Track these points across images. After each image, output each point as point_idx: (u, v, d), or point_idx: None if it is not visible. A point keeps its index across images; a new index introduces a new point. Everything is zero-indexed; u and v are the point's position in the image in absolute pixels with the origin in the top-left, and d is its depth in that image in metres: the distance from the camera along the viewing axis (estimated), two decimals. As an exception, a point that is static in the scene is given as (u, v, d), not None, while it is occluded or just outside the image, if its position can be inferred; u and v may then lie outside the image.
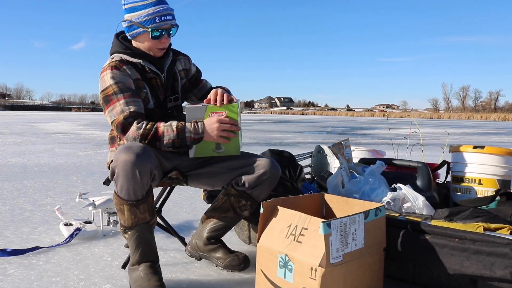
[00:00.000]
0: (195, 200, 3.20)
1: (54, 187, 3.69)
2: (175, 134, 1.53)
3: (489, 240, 1.33)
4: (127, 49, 1.67)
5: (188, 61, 1.89)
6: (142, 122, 1.54)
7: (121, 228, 1.57)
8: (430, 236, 1.44)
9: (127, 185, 1.45)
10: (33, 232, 2.35)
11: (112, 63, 1.63)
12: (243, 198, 1.72)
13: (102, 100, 1.60)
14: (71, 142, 8.45)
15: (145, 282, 1.51)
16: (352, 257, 1.35)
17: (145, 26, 1.61)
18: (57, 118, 25.74)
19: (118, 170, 1.45)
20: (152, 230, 1.59)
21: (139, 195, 1.48)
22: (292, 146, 8.43)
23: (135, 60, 1.66)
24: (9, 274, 1.76)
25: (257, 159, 1.70)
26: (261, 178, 1.67)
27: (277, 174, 1.71)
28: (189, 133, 1.54)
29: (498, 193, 1.93)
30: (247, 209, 1.75)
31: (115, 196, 1.51)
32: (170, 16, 1.63)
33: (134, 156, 1.44)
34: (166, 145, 1.55)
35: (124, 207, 1.50)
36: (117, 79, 1.59)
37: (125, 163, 1.43)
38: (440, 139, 11.13)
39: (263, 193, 1.72)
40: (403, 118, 45.71)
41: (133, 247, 1.57)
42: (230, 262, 1.76)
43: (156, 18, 1.60)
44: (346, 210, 1.65)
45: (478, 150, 2.04)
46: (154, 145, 1.54)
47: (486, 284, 1.41)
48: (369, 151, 2.78)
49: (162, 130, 1.54)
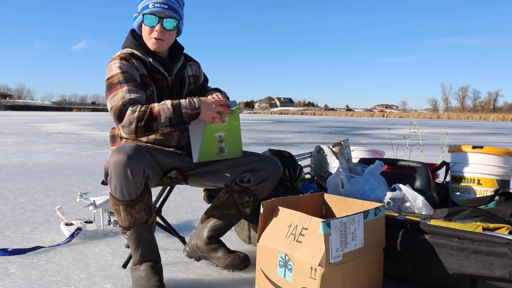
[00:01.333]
0: (195, 200, 3.21)
1: (55, 187, 3.69)
2: (171, 111, 1.51)
3: (488, 239, 1.34)
4: (139, 45, 1.69)
5: (199, 68, 1.91)
6: (136, 106, 1.52)
7: (120, 229, 1.58)
8: (430, 236, 1.45)
9: (120, 185, 1.45)
10: (34, 232, 2.35)
11: (122, 54, 1.65)
12: (246, 194, 1.73)
13: (106, 88, 1.60)
14: (72, 142, 8.46)
15: (145, 282, 1.52)
16: (352, 256, 1.35)
17: (141, 13, 1.64)
18: (58, 118, 25.73)
19: (110, 170, 1.45)
20: (151, 230, 1.59)
21: (133, 195, 1.48)
22: (292, 146, 8.43)
23: (145, 58, 1.68)
24: (10, 274, 1.76)
25: (260, 156, 1.73)
26: (266, 174, 1.69)
27: (279, 171, 1.74)
28: (185, 109, 1.52)
29: (497, 193, 1.94)
30: (249, 206, 1.76)
31: (110, 197, 1.52)
32: (166, 5, 1.64)
33: (125, 156, 1.44)
34: (163, 124, 1.51)
35: (120, 208, 1.50)
36: (124, 69, 1.60)
37: (116, 163, 1.43)
38: (439, 139, 11.13)
39: (266, 189, 1.73)
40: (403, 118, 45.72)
41: (133, 247, 1.58)
42: (231, 262, 1.77)
43: (149, 4, 1.63)
44: (345, 210, 1.66)
45: (477, 150, 2.05)
46: (151, 126, 1.51)
47: (485, 283, 1.42)
48: (368, 151, 2.79)
49: (158, 109, 1.51)
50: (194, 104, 1.53)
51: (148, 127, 1.51)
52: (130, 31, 1.75)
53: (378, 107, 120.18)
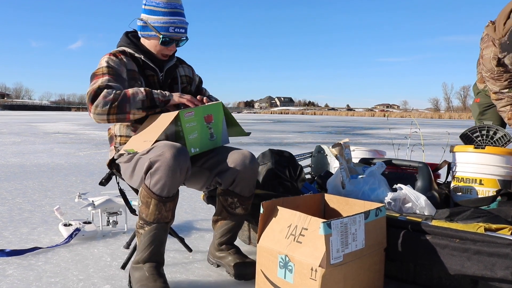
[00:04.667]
0: (195, 201, 3.19)
1: (53, 187, 3.68)
2: (144, 94, 1.59)
3: (490, 240, 1.33)
4: (131, 43, 1.78)
5: (192, 71, 2.01)
6: (111, 89, 1.59)
7: (140, 222, 1.54)
8: (431, 237, 1.44)
9: (165, 179, 1.45)
10: (32, 233, 2.34)
11: (113, 51, 1.75)
12: (228, 195, 1.72)
13: (90, 78, 1.66)
14: (70, 142, 8.44)
15: (151, 282, 1.48)
16: (353, 257, 1.34)
17: (159, 32, 1.71)
18: (56, 118, 25.74)
19: (159, 164, 1.45)
20: (167, 233, 1.59)
21: (172, 191, 1.49)
22: (292, 146, 8.42)
23: (137, 55, 1.76)
24: (8, 275, 1.75)
25: (231, 155, 1.69)
26: (235, 174, 1.66)
27: (252, 166, 1.68)
28: (157, 95, 1.62)
29: (499, 193, 1.92)
30: (237, 207, 1.73)
31: (145, 188, 1.49)
32: (183, 29, 1.74)
33: (178, 153, 1.46)
34: (136, 105, 1.58)
35: (152, 201, 1.49)
36: (110, 64, 1.68)
37: (170, 158, 1.44)
38: (441, 139, 11.13)
39: (246, 187, 1.70)
40: (404, 118, 45.74)
41: (145, 244, 1.54)
42: (240, 271, 1.70)
43: (170, 28, 1.71)
44: (346, 210, 1.65)
45: (479, 150, 2.03)
46: (125, 107, 1.57)
47: (487, 284, 1.41)
48: (369, 151, 2.77)
49: (132, 92, 1.59)
50: (165, 94, 1.63)
51: (121, 108, 1.57)
52: (124, 33, 1.83)
53: (379, 107, 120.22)
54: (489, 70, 2.26)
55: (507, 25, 2.00)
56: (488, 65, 2.23)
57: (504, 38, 2.01)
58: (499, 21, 2.06)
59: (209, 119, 1.65)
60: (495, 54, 2.15)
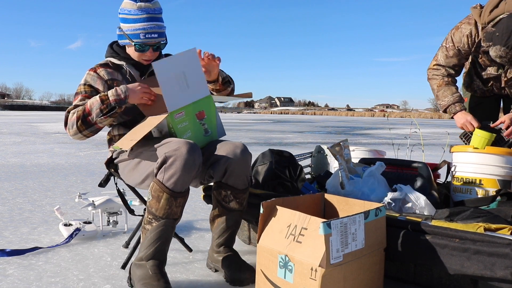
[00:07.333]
0: (195, 200, 3.19)
1: (53, 187, 3.68)
2: (99, 102, 1.63)
3: (490, 240, 1.33)
4: (114, 53, 1.82)
5: None
6: (76, 109, 1.67)
7: (149, 217, 1.53)
8: (431, 237, 1.44)
9: (180, 174, 1.46)
10: (33, 232, 2.34)
11: (95, 65, 1.80)
12: (222, 188, 1.70)
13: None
14: (70, 142, 8.44)
15: (154, 281, 1.48)
16: (353, 257, 1.34)
17: (131, 39, 1.72)
18: (56, 118, 25.70)
19: (175, 158, 1.46)
20: (173, 231, 1.58)
21: (185, 186, 1.51)
22: (292, 146, 8.42)
23: (119, 62, 1.80)
24: (9, 275, 1.75)
25: (222, 145, 1.68)
26: (225, 164, 1.64)
27: (243, 157, 1.66)
28: (112, 96, 1.63)
29: (499, 193, 1.92)
30: (231, 200, 1.70)
31: (157, 182, 1.49)
32: (156, 34, 1.71)
33: (193, 149, 1.49)
34: (97, 115, 1.63)
35: (164, 195, 1.49)
36: (87, 81, 1.75)
37: (186, 153, 1.46)
38: (441, 139, 11.13)
39: (238, 179, 1.67)
40: (404, 118, 45.74)
41: (151, 241, 1.53)
42: (234, 276, 1.67)
43: (140, 35, 1.70)
44: (346, 210, 1.65)
45: (478, 150, 2.04)
46: (89, 121, 1.63)
47: (486, 284, 1.41)
48: (369, 151, 2.77)
49: (89, 104, 1.64)
50: (121, 90, 1.64)
51: (86, 123, 1.64)
52: (109, 45, 1.86)
53: (379, 107, 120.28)
54: (452, 41, 2.24)
55: (493, 13, 1.97)
56: (457, 37, 2.21)
57: (489, 27, 1.99)
58: (486, 6, 2.04)
59: (201, 116, 1.65)
60: (472, 34, 2.15)
